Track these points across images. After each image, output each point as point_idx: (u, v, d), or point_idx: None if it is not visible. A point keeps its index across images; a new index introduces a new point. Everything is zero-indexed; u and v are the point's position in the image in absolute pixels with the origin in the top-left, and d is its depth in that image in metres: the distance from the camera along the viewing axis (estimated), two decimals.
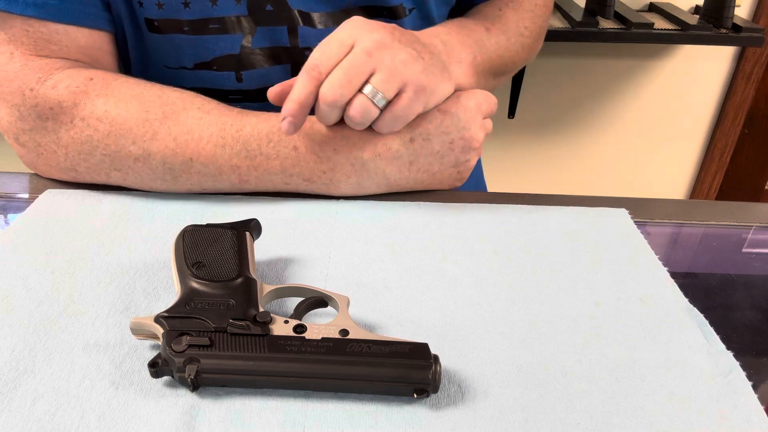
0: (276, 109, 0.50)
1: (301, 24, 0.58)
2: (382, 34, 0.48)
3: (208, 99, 0.52)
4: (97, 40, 0.55)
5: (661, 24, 1.44)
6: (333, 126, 0.52)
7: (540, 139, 1.75)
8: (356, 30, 0.48)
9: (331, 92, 0.47)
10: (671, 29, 1.43)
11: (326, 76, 0.47)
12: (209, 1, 0.54)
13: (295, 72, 0.53)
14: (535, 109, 1.67)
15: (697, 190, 1.87)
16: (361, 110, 0.47)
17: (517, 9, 0.65)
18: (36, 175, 0.56)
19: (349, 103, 0.48)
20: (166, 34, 0.56)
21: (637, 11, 1.53)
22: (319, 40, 0.50)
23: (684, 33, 1.43)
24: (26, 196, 0.55)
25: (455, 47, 0.56)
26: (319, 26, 0.58)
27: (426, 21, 0.63)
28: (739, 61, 1.65)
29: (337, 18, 0.58)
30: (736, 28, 1.44)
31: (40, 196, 0.52)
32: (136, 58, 0.59)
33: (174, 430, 0.32)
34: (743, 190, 1.89)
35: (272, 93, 0.51)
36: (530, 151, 1.76)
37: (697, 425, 0.34)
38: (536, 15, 0.67)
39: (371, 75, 0.47)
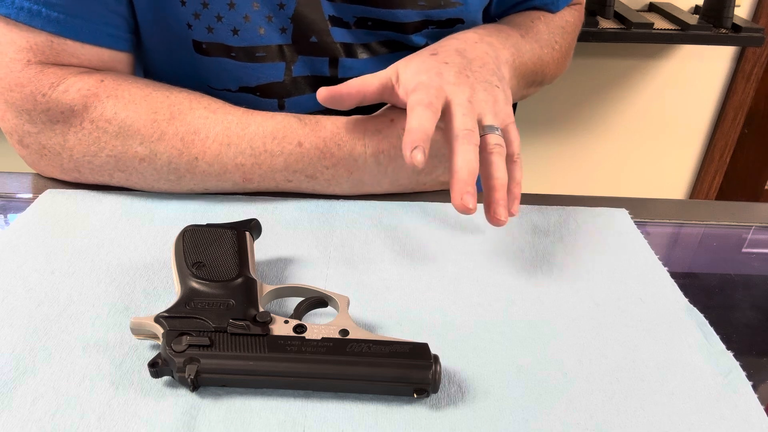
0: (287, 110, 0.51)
1: (343, 56, 0.59)
2: (464, 88, 0.47)
3: (214, 99, 0.53)
4: (118, 56, 0.55)
5: (661, 24, 1.44)
6: (337, 121, 0.52)
7: (540, 139, 1.75)
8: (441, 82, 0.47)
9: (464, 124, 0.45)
10: (671, 29, 1.43)
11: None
12: (257, 30, 0.55)
13: None
14: (535, 109, 1.67)
15: (697, 190, 1.87)
16: (500, 142, 0.46)
17: (549, 23, 0.66)
18: (37, 175, 0.55)
19: (484, 143, 0.45)
20: (213, 56, 0.57)
21: (637, 11, 1.53)
22: (359, 71, 0.50)
23: (684, 33, 1.43)
24: (26, 196, 0.54)
25: (498, 49, 0.56)
26: (361, 57, 0.60)
27: None
28: (739, 61, 1.64)
29: (374, 49, 0.60)
30: (736, 28, 1.44)
31: (40, 196, 0.52)
32: (172, 76, 0.59)
33: (174, 430, 0.32)
34: (743, 190, 1.89)
35: (323, 92, 0.49)
36: (530, 151, 1.76)
37: (697, 425, 0.34)
38: (566, 32, 0.68)
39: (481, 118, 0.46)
